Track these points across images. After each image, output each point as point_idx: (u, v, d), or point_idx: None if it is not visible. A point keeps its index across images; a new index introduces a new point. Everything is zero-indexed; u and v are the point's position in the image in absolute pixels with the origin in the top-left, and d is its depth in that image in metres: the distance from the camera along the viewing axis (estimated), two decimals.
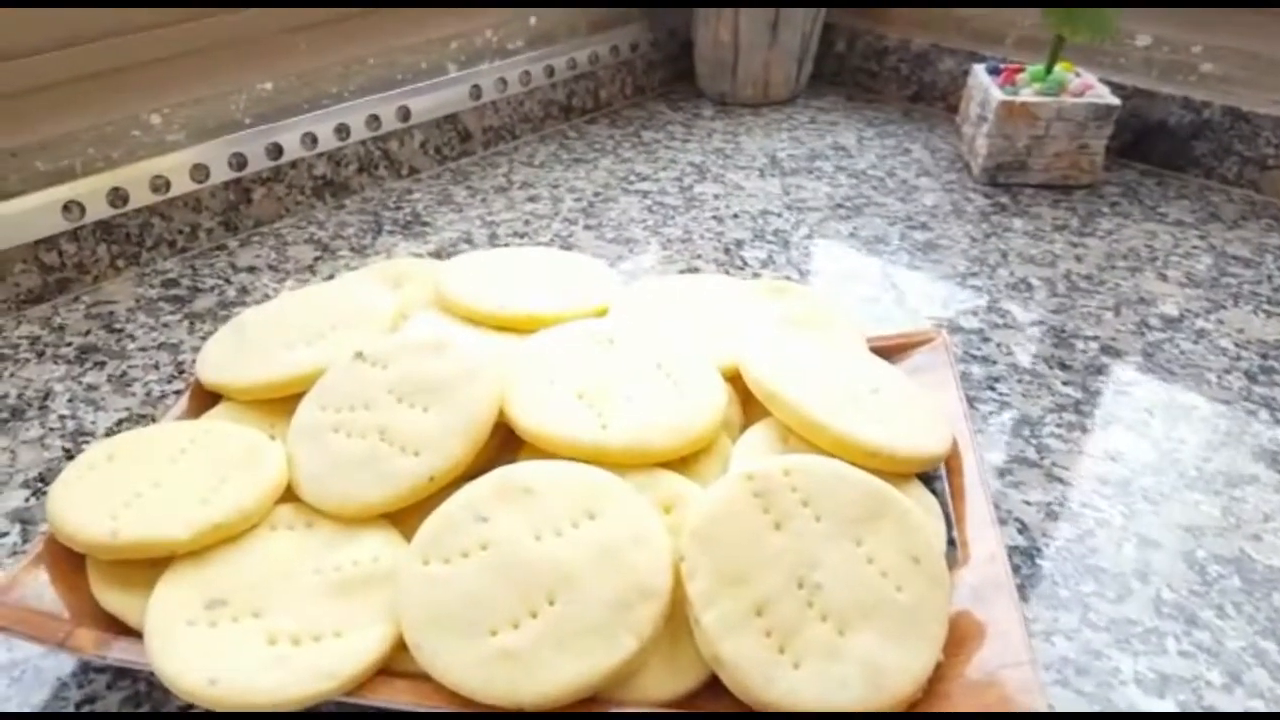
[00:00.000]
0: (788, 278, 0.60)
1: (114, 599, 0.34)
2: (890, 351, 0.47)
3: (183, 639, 0.32)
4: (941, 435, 0.40)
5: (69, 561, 0.36)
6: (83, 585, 0.35)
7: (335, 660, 0.31)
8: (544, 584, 0.32)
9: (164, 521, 0.34)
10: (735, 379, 0.42)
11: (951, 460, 0.40)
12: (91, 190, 0.57)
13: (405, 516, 0.37)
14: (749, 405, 0.42)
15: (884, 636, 0.31)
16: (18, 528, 0.42)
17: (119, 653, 0.32)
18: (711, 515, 0.33)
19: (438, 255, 0.64)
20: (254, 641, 0.32)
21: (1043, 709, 0.28)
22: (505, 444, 0.40)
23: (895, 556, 0.33)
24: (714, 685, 0.31)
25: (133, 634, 0.34)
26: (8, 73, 0.53)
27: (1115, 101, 0.68)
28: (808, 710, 0.29)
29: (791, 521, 0.33)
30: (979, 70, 0.75)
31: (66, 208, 0.57)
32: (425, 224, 0.68)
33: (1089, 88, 0.70)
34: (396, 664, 0.32)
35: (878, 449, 0.37)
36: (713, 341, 0.44)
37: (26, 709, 0.34)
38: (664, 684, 0.31)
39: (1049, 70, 0.71)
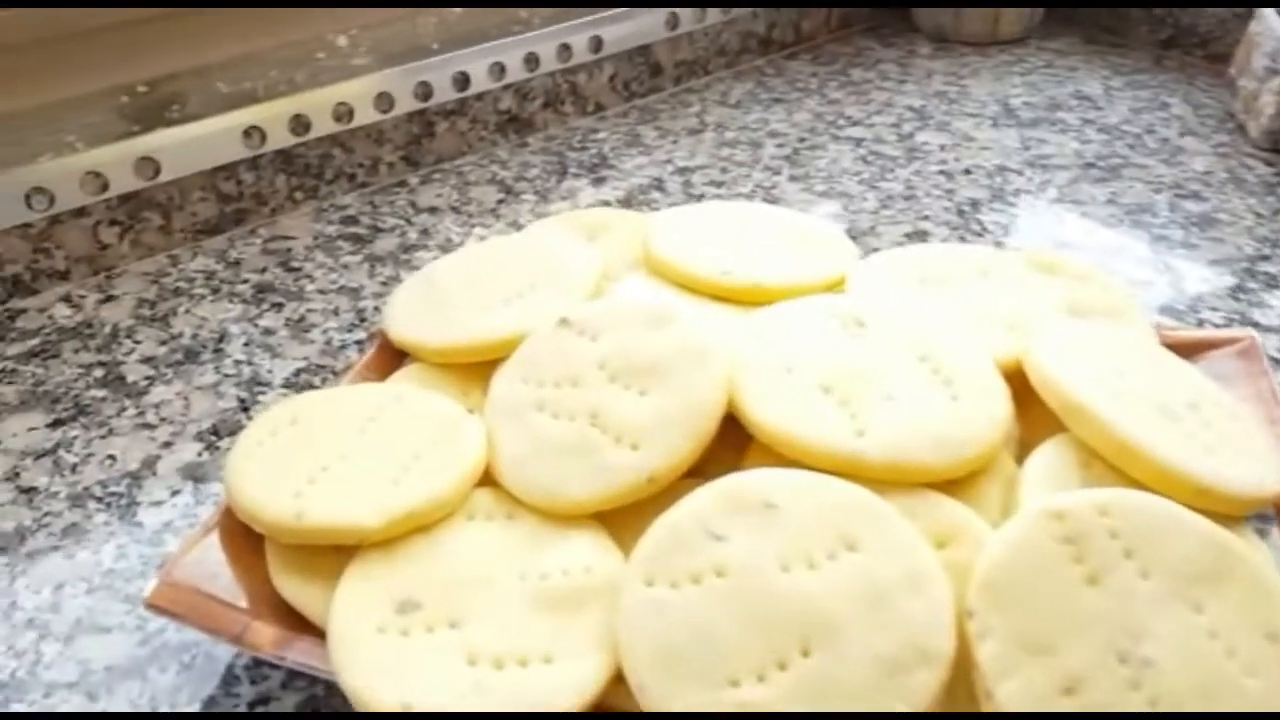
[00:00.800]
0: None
1: (293, 588, 0.30)
2: (1184, 351, 0.38)
3: (371, 648, 0.28)
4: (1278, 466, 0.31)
5: (245, 538, 0.32)
6: (258, 566, 0.31)
7: (545, 693, 0.27)
8: (796, 629, 0.26)
9: (354, 506, 0.30)
10: (1010, 380, 0.34)
11: None
12: (273, 115, 0.53)
13: (616, 517, 0.31)
14: (1029, 413, 0.34)
15: None
16: (190, 485, 0.39)
17: (299, 655, 0.28)
18: (1008, 561, 0.27)
19: (627, 203, 0.58)
20: (451, 659, 0.28)
21: None
22: (727, 441, 0.33)
23: (1243, 631, 0.26)
24: None
25: (312, 628, 0.29)
26: None
27: None
28: None
29: (1110, 576, 0.26)
30: (1270, 15, 0.63)
31: (247, 134, 0.53)
32: (612, 167, 0.62)
33: None
34: (613, 701, 0.27)
35: (1210, 485, 0.29)
36: (982, 330, 0.37)
37: (196, 705, 0.30)
38: None
39: None
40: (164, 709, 0.30)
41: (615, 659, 0.27)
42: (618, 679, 0.27)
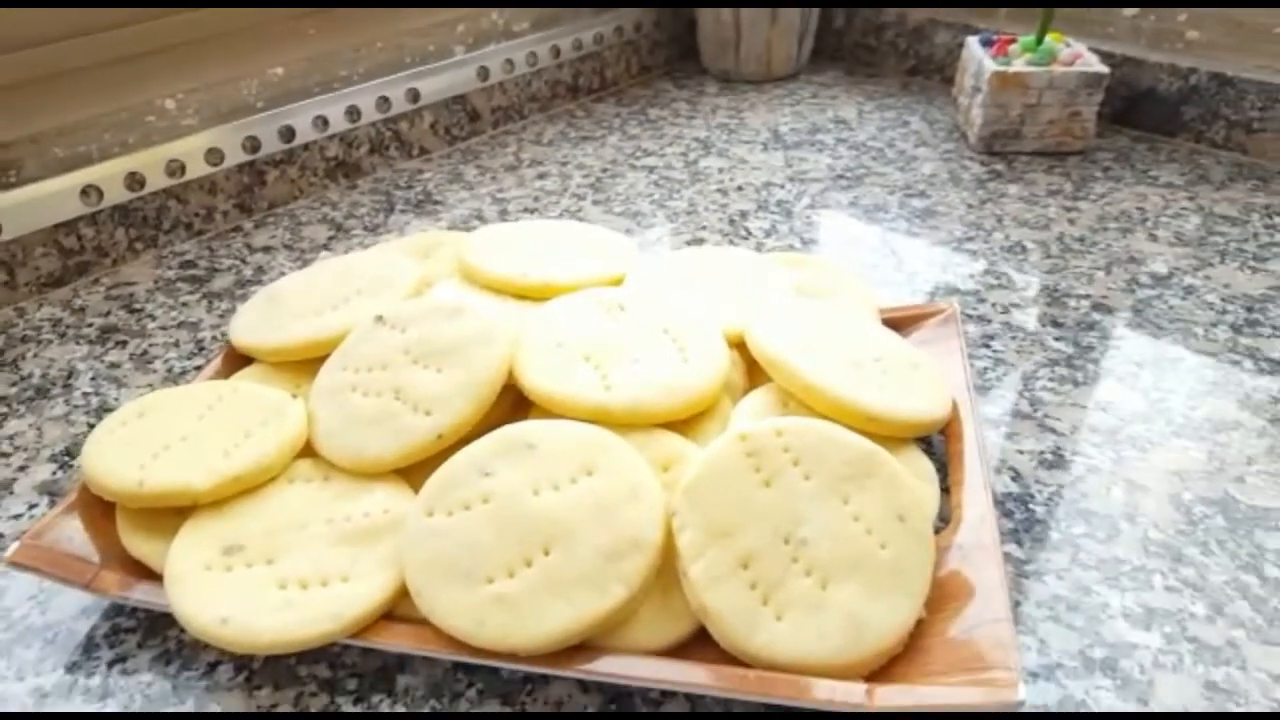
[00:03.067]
0: (791, 247, 0.62)
1: (139, 545, 0.37)
2: (902, 323, 0.48)
3: (200, 582, 0.34)
4: (941, 402, 0.41)
5: (99, 509, 0.38)
6: (111, 532, 0.37)
7: (341, 604, 0.33)
8: (540, 535, 0.33)
9: (188, 472, 0.37)
10: (742, 346, 0.43)
11: (951, 427, 0.41)
12: (109, 175, 0.59)
13: (415, 472, 0.38)
14: (754, 372, 0.44)
15: (866, 591, 0.32)
16: (45, 499, 0.44)
17: (140, 594, 0.35)
18: (704, 473, 0.35)
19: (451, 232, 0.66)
20: (266, 586, 0.34)
21: (1014, 664, 0.28)
22: (516, 405, 0.42)
23: (881, 515, 0.34)
24: (702, 636, 0.32)
25: (156, 579, 0.35)
26: (25, 61, 0.55)
27: (1104, 70, 0.69)
28: (789, 663, 0.30)
29: (781, 479, 0.34)
30: (973, 43, 0.76)
31: (85, 192, 0.58)
32: (437, 202, 0.70)
33: (1079, 57, 0.71)
34: (399, 610, 0.34)
35: (875, 414, 0.39)
36: (723, 309, 0.46)
37: (60, 670, 0.35)
38: (654, 633, 0.33)
39: (1039, 41, 0.72)
40: (29, 677, 0.35)
41: (401, 576, 0.34)
42: (403, 593, 0.34)
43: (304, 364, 0.45)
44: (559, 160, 0.76)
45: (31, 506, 0.43)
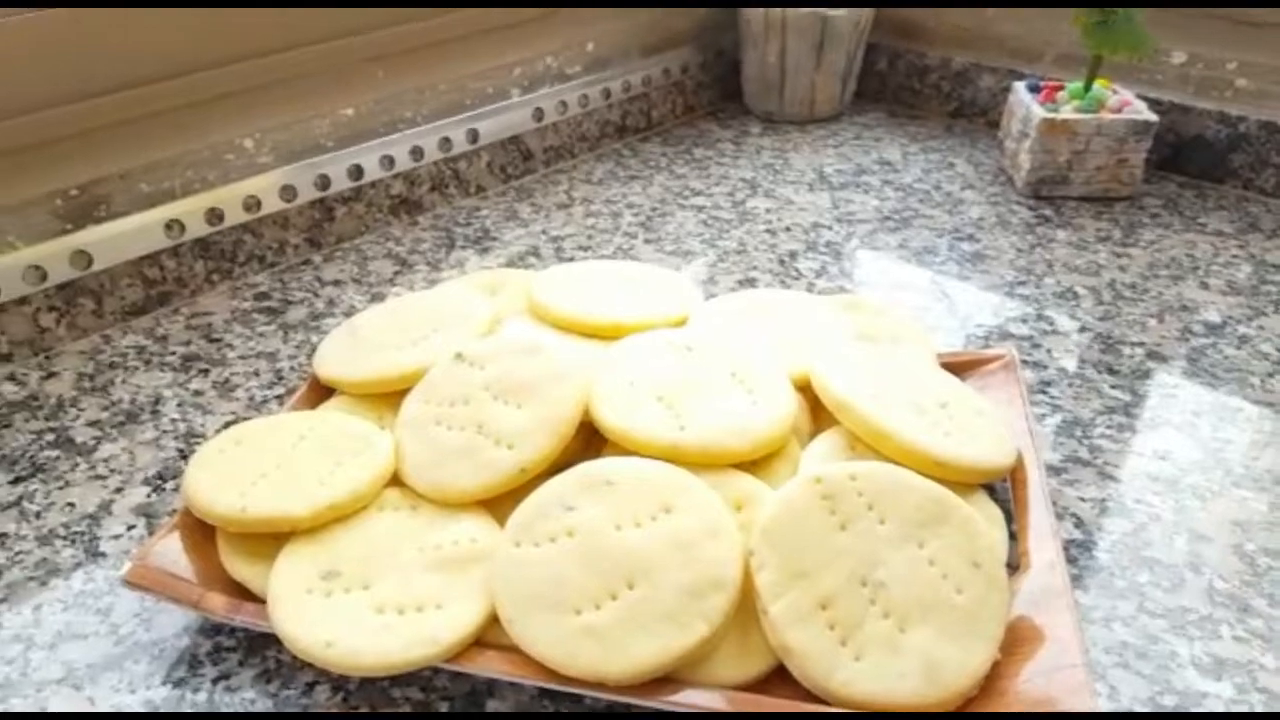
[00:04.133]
0: (842, 289, 0.63)
1: (241, 568, 0.39)
2: (961, 368, 0.49)
3: (302, 606, 0.36)
4: (1006, 449, 0.42)
5: (201, 533, 0.40)
6: (212, 554, 0.40)
7: (436, 629, 0.35)
8: (623, 570, 0.35)
9: (286, 500, 0.39)
10: (807, 389, 0.45)
11: (1016, 473, 0.42)
12: (190, 210, 0.62)
13: (498, 504, 0.40)
14: (819, 414, 0.45)
15: (942, 635, 0.33)
16: (143, 521, 0.46)
17: (246, 616, 0.36)
18: (781, 514, 0.36)
19: (510, 267, 0.68)
20: (364, 610, 0.36)
21: (1090, 707, 0.29)
22: (589, 442, 0.43)
23: (956, 560, 0.35)
24: (781, 673, 0.34)
25: (257, 601, 0.37)
26: (115, 103, 0.58)
27: (1153, 117, 0.71)
28: (867, 701, 0.32)
29: (857, 523, 0.36)
30: (1020, 88, 0.78)
31: (168, 226, 0.61)
32: (494, 239, 0.72)
33: (1127, 104, 0.72)
34: (490, 636, 0.36)
35: (944, 459, 0.40)
36: (786, 352, 0.47)
37: (169, 685, 0.37)
38: (734, 669, 0.34)
39: (1088, 88, 0.73)
40: (141, 690, 0.37)
41: (492, 604, 0.36)
42: (494, 620, 0.36)
43: (386, 396, 0.47)
44: (609, 199, 0.79)
45: (130, 528, 0.45)
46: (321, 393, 0.48)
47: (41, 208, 0.57)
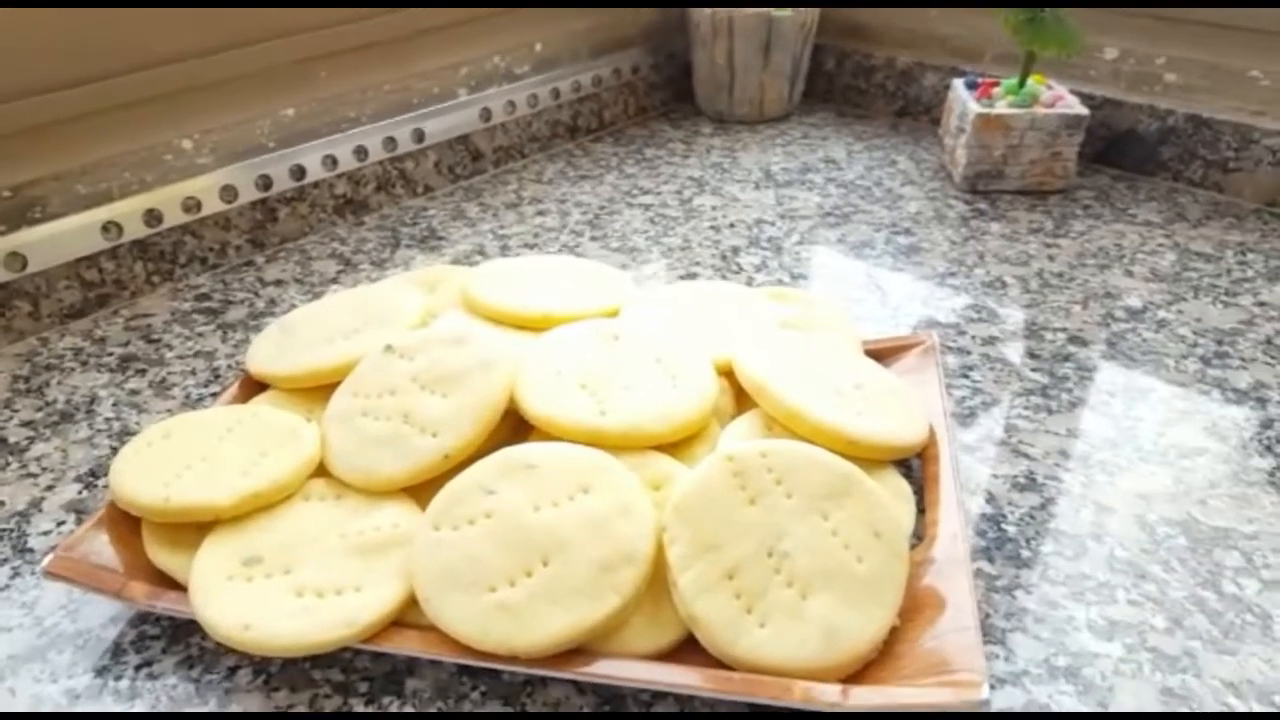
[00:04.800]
0: (780, 281, 0.64)
1: (164, 557, 0.39)
2: (884, 354, 0.50)
3: (223, 591, 0.36)
4: (918, 427, 0.43)
5: (127, 525, 0.40)
6: (137, 545, 0.40)
7: (354, 611, 0.35)
8: (539, 548, 0.36)
9: (210, 489, 0.39)
10: (731, 375, 0.46)
11: (928, 451, 0.43)
12: (128, 211, 0.62)
13: (423, 490, 0.40)
14: (742, 400, 0.46)
15: (843, 602, 0.34)
16: (73, 517, 0.46)
17: (167, 603, 0.37)
18: (693, 491, 0.37)
19: (455, 265, 0.68)
20: (284, 594, 0.36)
21: (979, 666, 0.30)
22: (516, 429, 0.44)
23: (859, 531, 0.36)
24: (690, 642, 0.35)
25: (180, 589, 0.38)
26: (49, 103, 0.58)
27: (1085, 111, 0.72)
28: (771, 666, 0.32)
29: (765, 497, 0.37)
30: (958, 85, 0.79)
31: (105, 228, 0.61)
32: (440, 238, 0.73)
33: (1060, 99, 0.74)
34: (408, 617, 0.36)
35: (854, 437, 0.41)
36: (712, 340, 0.48)
37: (90, 673, 0.38)
38: (646, 639, 0.35)
39: (1022, 84, 0.75)
40: (62, 680, 0.38)
41: (410, 586, 0.36)
42: (412, 601, 0.36)
43: (316, 390, 0.47)
44: (558, 198, 0.79)
45: (59, 524, 0.45)
46: (253, 388, 0.49)
47: None
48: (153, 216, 0.63)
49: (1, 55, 0.55)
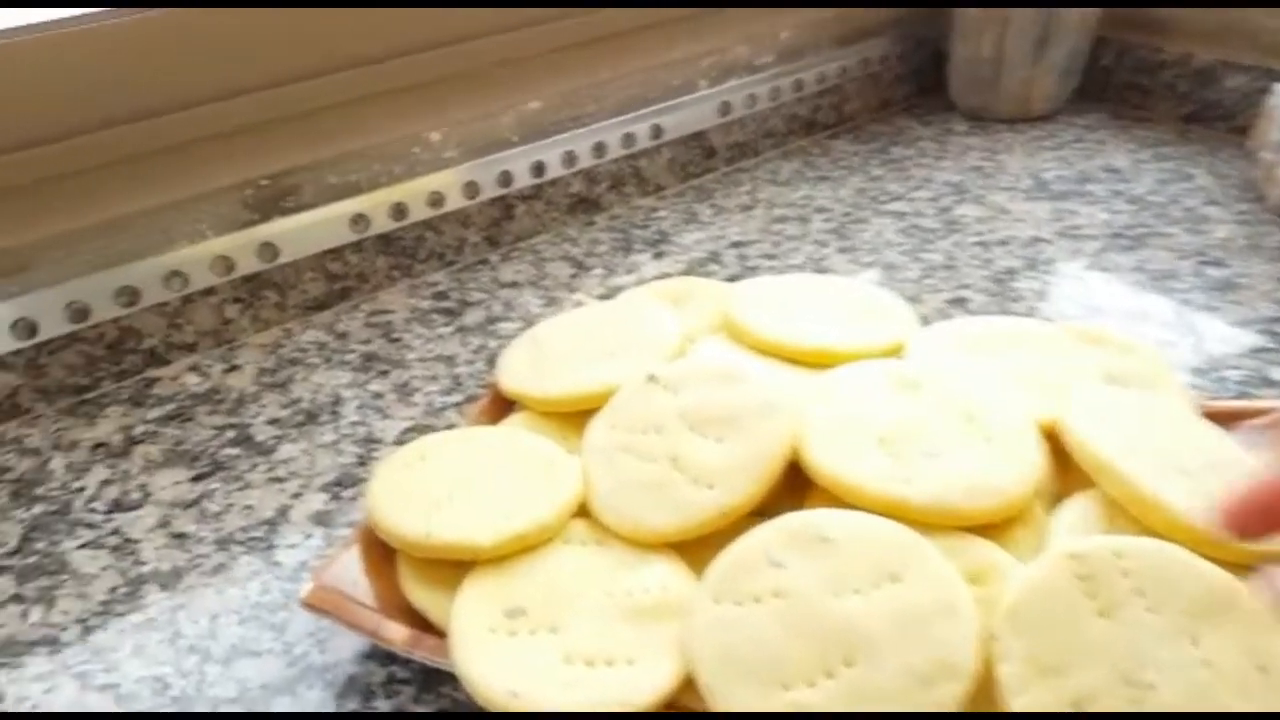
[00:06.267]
0: (1068, 315, 0.56)
1: (421, 595, 0.36)
2: (1221, 419, 0.42)
3: (485, 646, 0.33)
4: None
5: (379, 552, 0.38)
6: (389, 575, 0.38)
7: (628, 689, 0.32)
8: (841, 644, 0.31)
9: (471, 527, 0.36)
10: (1050, 440, 0.39)
11: None
12: (376, 204, 0.60)
13: (690, 546, 0.36)
14: (1063, 471, 0.39)
15: None
16: (319, 531, 0.44)
17: (425, 651, 0.34)
18: (1029, 595, 0.31)
19: (688, 274, 0.64)
20: (551, 657, 0.33)
21: None
22: (791, 486, 0.39)
23: (1238, 663, 0.29)
24: None
25: (434, 628, 0.35)
26: (307, 92, 0.57)
27: None
28: None
29: (1121, 611, 0.30)
30: None
31: (354, 220, 0.60)
32: (672, 242, 0.68)
33: None
34: (683, 699, 0.32)
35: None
36: (1025, 393, 0.41)
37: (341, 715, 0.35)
38: None
39: None
40: None
41: (686, 664, 0.32)
42: (688, 682, 0.32)
43: (570, 415, 0.44)
44: (797, 202, 0.73)
45: (307, 537, 0.44)
46: (503, 405, 0.46)
47: (232, 196, 0.57)
48: (398, 210, 0.61)
49: (261, 43, 0.55)
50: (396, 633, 0.35)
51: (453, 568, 0.36)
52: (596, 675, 0.32)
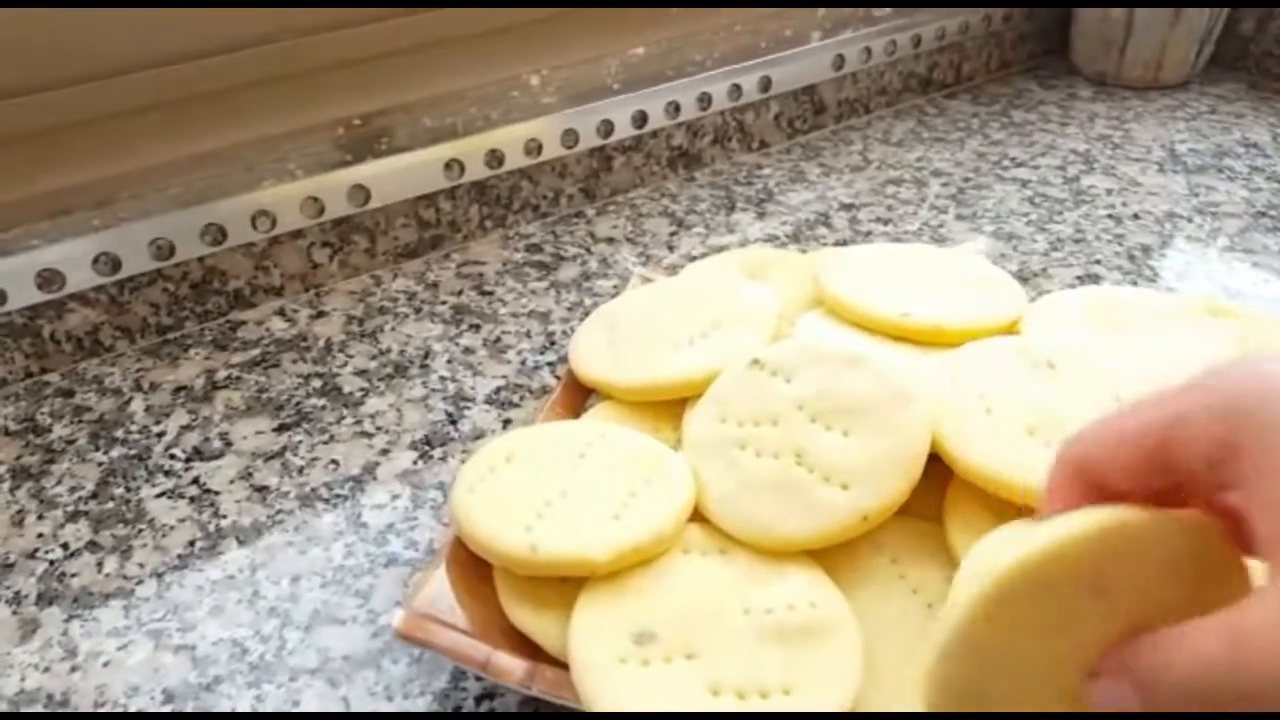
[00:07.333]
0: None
1: (526, 617, 0.32)
2: None
3: (617, 679, 0.29)
4: None
5: (473, 567, 0.34)
6: (484, 593, 0.33)
7: None
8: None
9: (580, 538, 0.32)
10: None
11: None
12: (471, 150, 0.57)
13: (826, 553, 0.33)
14: None
15: None
16: (407, 492, 0.42)
17: (545, 686, 0.30)
18: None
19: (795, 237, 0.60)
20: (695, 690, 0.29)
21: None
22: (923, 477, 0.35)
23: None
24: None
25: (544, 654, 0.32)
26: (403, 29, 0.54)
27: None
28: None
29: None
30: None
31: (448, 166, 0.57)
32: (777, 202, 0.64)
33: None
34: None
35: None
36: (1168, 370, 0.37)
37: (428, 696, 0.33)
38: None
39: None
40: (398, 699, 0.33)
41: (848, 694, 0.29)
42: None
43: (660, 405, 0.40)
44: (912, 164, 0.69)
45: (394, 497, 0.41)
46: (580, 393, 0.42)
47: (324, 135, 0.54)
48: (494, 158, 0.58)
49: None
50: (508, 665, 0.30)
51: (558, 584, 0.32)
52: (749, 707, 0.29)
